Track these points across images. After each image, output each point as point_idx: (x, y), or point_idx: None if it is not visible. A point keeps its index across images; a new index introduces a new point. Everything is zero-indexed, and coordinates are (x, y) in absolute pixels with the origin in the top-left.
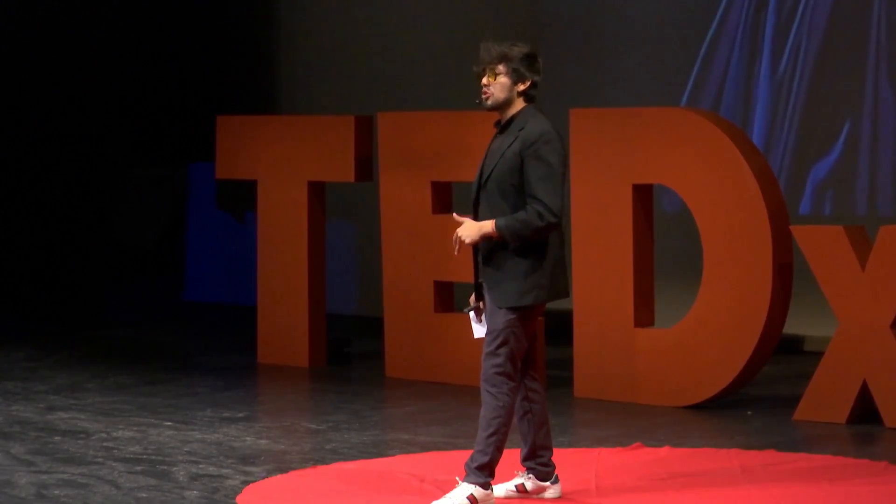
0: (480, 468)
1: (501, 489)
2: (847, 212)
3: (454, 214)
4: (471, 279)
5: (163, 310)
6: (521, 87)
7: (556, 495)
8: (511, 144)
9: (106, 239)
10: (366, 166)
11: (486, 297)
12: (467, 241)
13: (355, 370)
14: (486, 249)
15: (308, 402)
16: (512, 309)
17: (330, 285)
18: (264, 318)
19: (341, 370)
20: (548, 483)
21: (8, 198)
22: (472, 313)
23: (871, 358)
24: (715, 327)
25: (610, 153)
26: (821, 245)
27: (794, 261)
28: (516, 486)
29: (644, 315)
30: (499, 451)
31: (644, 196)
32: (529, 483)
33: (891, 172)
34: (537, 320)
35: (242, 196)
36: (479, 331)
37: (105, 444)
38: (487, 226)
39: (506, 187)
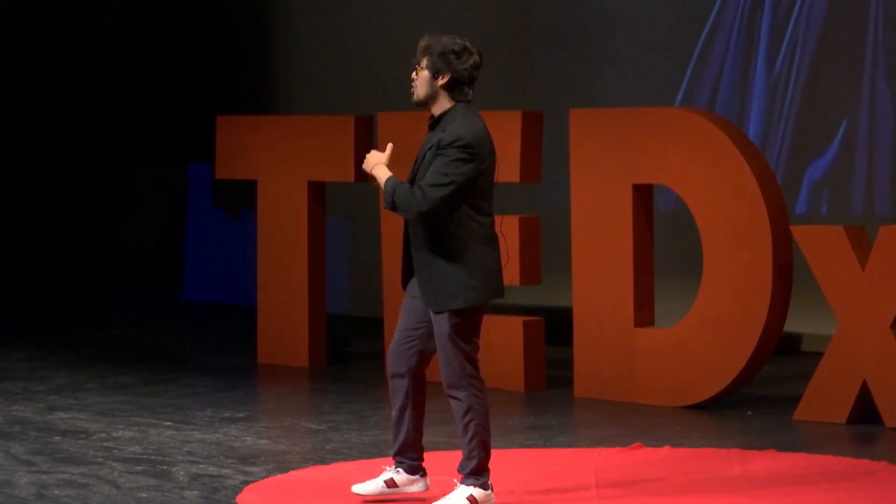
0: (473, 472)
1: (371, 486)
2: (844, 211)
3: (390, 144)
4: None
5: (162, 310)
6: (442, 81)
7: (424, 488)
8: (431, 146)
9: (106, 239)
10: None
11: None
12: (364, 165)
13: (355, 370)
14: (417, 252)
15: (308, 402)
16: (453, 312)
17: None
18: (264, 318)
19: (341, 370)
20: (417, 476)
21: (8, 198)
22: None
23: (871, 358)
24: (715, 327)
25: (610, 153)
26: (821, 245)
27: (794, 261)
28: (385, 482)
29: (644, 315)
30: (485, 450)
31: (644, 196)
32: (399, 477)
33: (888, 172)
34: (482, 318)
35: (239, 193)
36: None
37: (105, 444)
38: (383, 174)
39: None
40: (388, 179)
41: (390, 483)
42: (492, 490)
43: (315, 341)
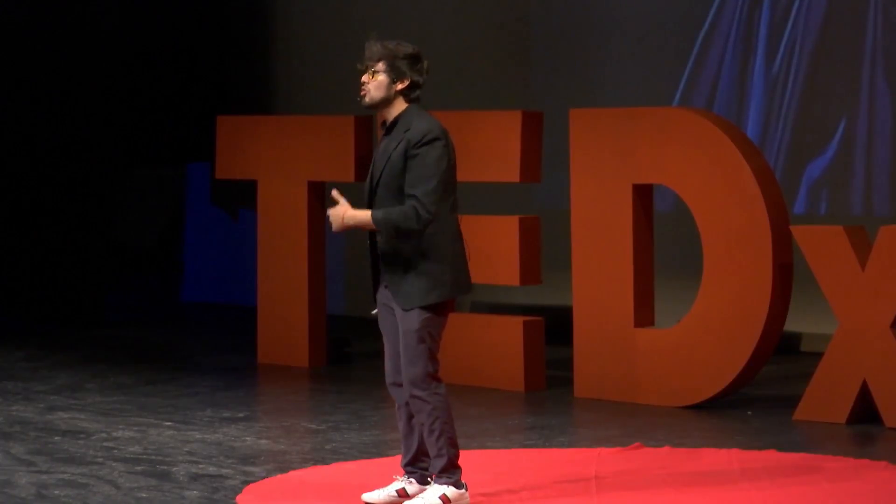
0: (444, 470)
1: (382, 494)
2: (843, 211)
3: (334, 191)
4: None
5: (162, 310)
6: (400, 87)
7: None
8: (397, 146)
9: (106, 239)
10: (366, 166)
11: (393, 300)
12: (335, 227)
13: (355, 370)
14: (385, 253)
15: (308, 402)
16: (424, 308)
17: None
18: (264, 318)
19: (341, 370)
20: (427, 486)
21: (8, 198)
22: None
23: (871, 358)
24: (715, 327)
25: (610, 153)
26: (821, 245)
27: (794, 261)
28: (397, 491)
29: (644, 315)
30: (453, 446)
31: (644, 196)
32: (411, 487)
33: (887, 171)
34: (448, 318)
35: (237, 193)
36: None
37: (105, 444)
38: (362, 216)
39: (394, 190)
40: (372, 214)
41: (402, 493)
42: (466, 489)
43: (315, 341)
